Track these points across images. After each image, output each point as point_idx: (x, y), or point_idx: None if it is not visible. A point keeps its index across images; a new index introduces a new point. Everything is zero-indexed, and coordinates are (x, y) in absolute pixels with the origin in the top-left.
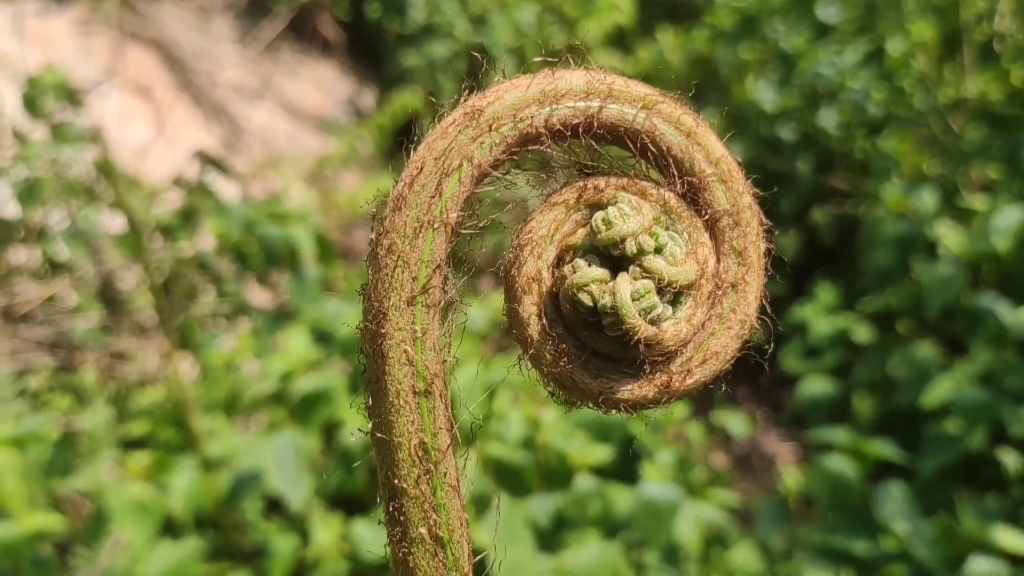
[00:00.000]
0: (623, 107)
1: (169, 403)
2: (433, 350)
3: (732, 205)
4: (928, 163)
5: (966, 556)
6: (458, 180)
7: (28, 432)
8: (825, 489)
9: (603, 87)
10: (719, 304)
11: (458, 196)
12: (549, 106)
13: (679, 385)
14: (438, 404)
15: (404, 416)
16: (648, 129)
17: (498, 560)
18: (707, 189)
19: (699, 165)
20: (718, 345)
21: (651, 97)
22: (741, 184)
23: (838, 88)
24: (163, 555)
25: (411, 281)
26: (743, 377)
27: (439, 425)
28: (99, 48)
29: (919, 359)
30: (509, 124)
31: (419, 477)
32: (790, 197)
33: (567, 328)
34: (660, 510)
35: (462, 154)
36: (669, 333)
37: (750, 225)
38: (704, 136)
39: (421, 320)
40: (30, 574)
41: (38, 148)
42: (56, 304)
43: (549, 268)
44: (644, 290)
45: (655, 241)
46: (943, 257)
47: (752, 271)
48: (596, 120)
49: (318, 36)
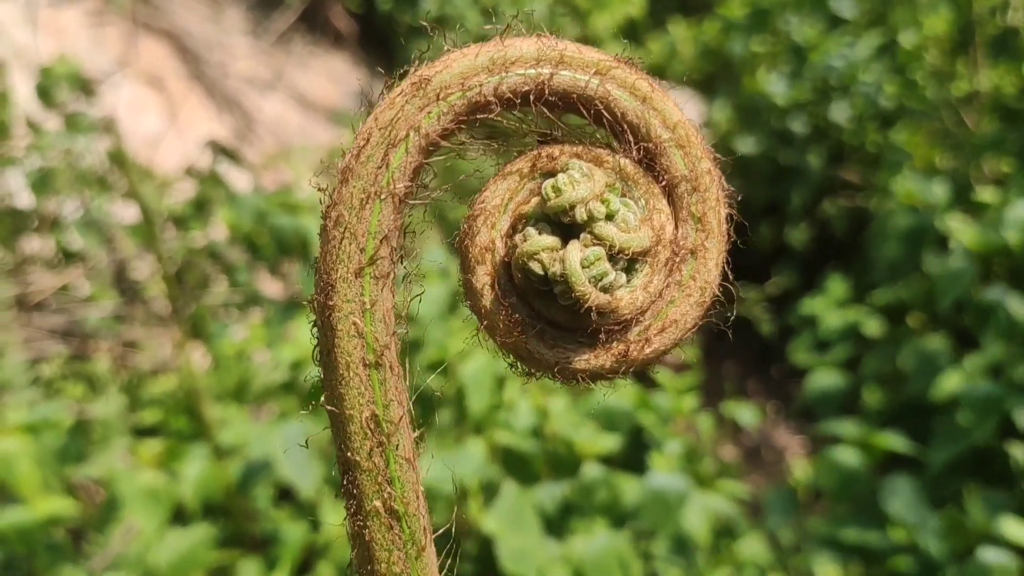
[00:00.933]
0: (575, 73)
1: (181, 392)
2: (383, 321)
3: (690, 170)
4: (940, 156)
5: (974, 549)
6: (405, 150)
7: (42, 419)
8: (834, 481)
9: (554, 53)
10: (678, 271)
11: (405, 166)
12: (498, 74)
13: (637, 354)
14: (389, 376)
15: (354, 388)
16: (602, 95)
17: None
18: (664, 155)
19: (655, 130)
20: (677, 313)
21: (605, 62)
22: (700, 149)
23: (850, 81)
24: (174, 542)
25: (359, 252)
26: (753, 369)
27: (391, 397)
28: (112, 39)
29: (929, 352)
30: (457, 93)
31: (371, 450)
32: (801, 190)
33: (521, 298)
34: (668, 500)
35: (409, 124)
36: (624, 301)
37: (709, 190)
38: (660, 101)
39: (370, 291)
40: (44, 559)
41: (52, 138)
42: (70, 293)
43: (503, 238)
44: (594, 257)
45: (606, 207)
46: (954, 251)
47: (712, 237)
48: (547, 87)
49: (330, 27)
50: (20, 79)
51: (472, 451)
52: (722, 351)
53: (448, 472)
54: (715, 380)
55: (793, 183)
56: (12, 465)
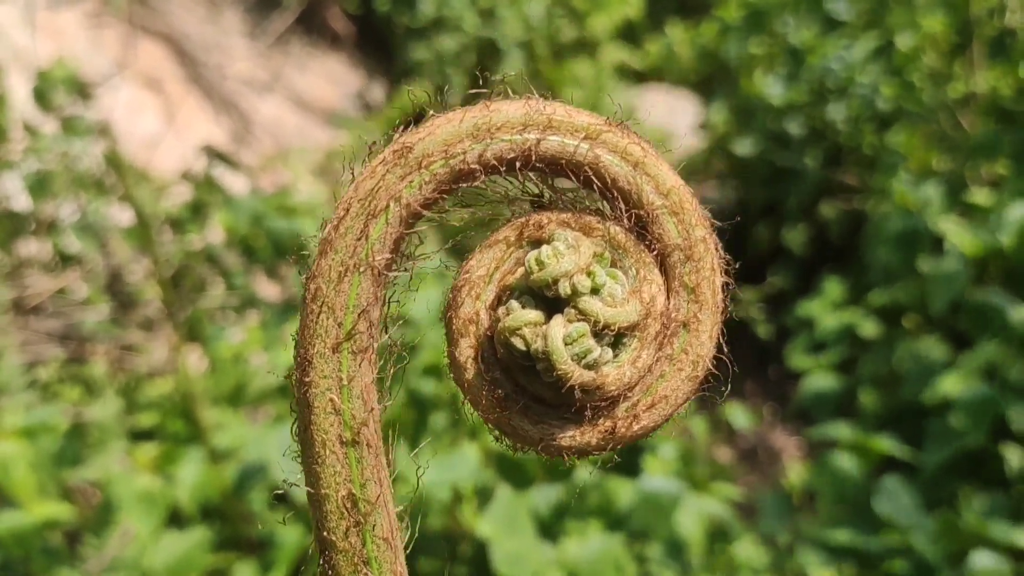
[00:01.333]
0: (564, 138)
1: (177, 395)
2: (361, 398)
3: (684, 239)
4: (937, 158)
5: (968, 552)
6: (385, 221)
7: (38, 423)
8: (828, 484)
9: (542, 118)
10: (669, 344)
11: (385, 238)
12: (483, 140)
13: (625, 431)
14: (366, 454)
15: (330, 467)
16: (591, 161)
17: (500, 550)
18: (656, 222)
19: (647, 197)
20: (668, 388)
21: (594, 126)
22: (695, 216)
23: (847, 83)
24: (170, 545)
25: (336, 327)
26: (750, 371)
27: (367, 475)
28: (109, 41)
29: (924, 354)
30: (440, 161)
31: (348, 530)
32: (798, 192)
33: (505, 372)
34: (661, 503)
35: (389, 194)
36: (611, 377)
37: (703, 260)
38: (653, 166)
39: (347, 367)
40: (40, 562)
41: (49, 141)
42: (66, 296)
43: (487, 309)
44: (577, 333)
45: (591, 281)
46: (948, 253)
47: (705, 308)
48: (535, 153)
49: (327, 29)
50: (18, 81)
51: (467, 455)
52: (719, 352)
53: (443, 476)
54: (712, 382)
55: (790, 185)
56: (8, 469)
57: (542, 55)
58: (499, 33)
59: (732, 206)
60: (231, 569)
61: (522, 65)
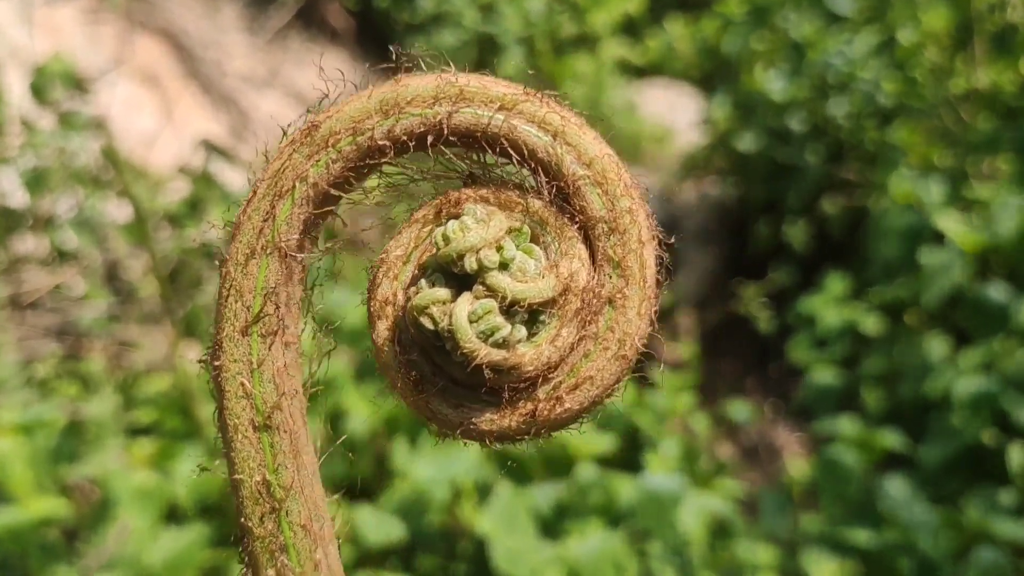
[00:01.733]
0: (477, 110)
1: (175, 391)
2: (272, 381)
3: (608, 210)
4: (938, 154)
5: (971, 547)
6: (292, 202)
7: (35, 419)
8: (830, 480)
9: (454, 89)
10: (594, 322)
11: (293, 219)
12: (392, 116)
13: (547, 414)
14: (279, 439)
15: (243, 452)
16: (507, 132)
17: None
18: (579, 194)
19: (568, 168)
20: (593, 368)
21: (510, 96)
22: (620, 186)
23: (848, 78)
24: (168, 542)
25: (245, 310)
26: (751, 367)
27: (280, 461)
28: (107, 37)
29: (925, 350)
30: (347, 138)
31: (263, 516)
32: (799, 188)
33: (422, 354)
34: (663, 500)
35: (296, 174)
36: (527, 357)
37: (629, 232)
38: (575, 135)
39: (257, 351)
40: (37, 559)
41: (46, 136)
42: (63, 292)
43: (404, 290)
44: (483, 310)
45: (499, 256)
46: (946, 247)
47: (632, 284)
48: (447, 126)
49: (326, 25)
50: (15, 77)
51: (466, 451)
52: (720, 349)
53: (443, 473)
54: (713, 378)
55: (791, 181)
56: (5, 465)
57: (542, 51)
58: (499, 29)
59: (733, 202)
60: (228, 566)
61: (522, 61)
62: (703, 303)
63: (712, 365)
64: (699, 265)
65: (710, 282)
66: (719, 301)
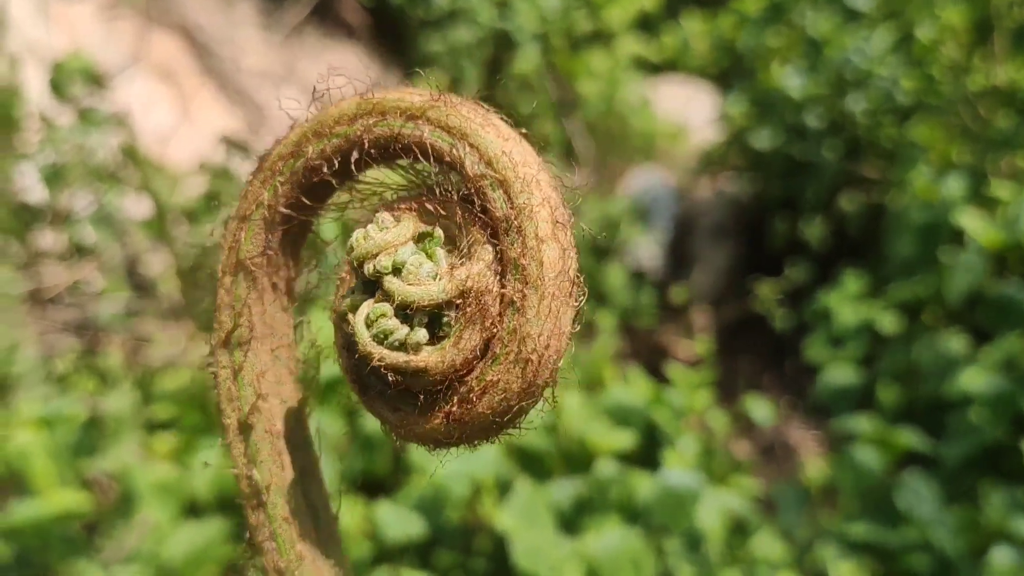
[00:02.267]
0: (391, 121)
1: (194, 387)
2: (252, 386)
3: (508, 209)
4: (957, 151)
5: (989, 546)
6: (251, 225)
7: (56, 413)
8: (848, 478)
9: (370, 105)
10: (498, 325)
11: (256, 239)
12: (323, 137)
13: (464, 417)
14: (259, 438)
15: (234, 449)
16: (416, 139)
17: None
18: (482, 194)
19: (470, 168)
20: (498, 372)
21: (420, 104)
22: (520, 183)
23: (866, 75)
24: (188, 535)
25: (225, 322)
26: (767, 364)
27: (262, 458)
28: (123, 33)
29: (944, 348)
30: (290, 163)
31: (255, 507)
32: (816, 185)
33: (362, 359)
34: (681, 497)
35: (254, 199)
36: (432, 360)
37: (526, 230)
38: (476, 135)
39: (237, 358)
40: (58, 552)
41: (65, 133)
42: (82, 288)
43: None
44: (375, 314)
45: (392, 260)
46: (968, 245)
47: (531, 284)
48: (368, 140)
49: (342, 21)
50: (33, 73)
51: (486, 448)
52: (736, 346)
53: (462, 468)
54: (729, 375)
55: (808, 178)
56: (28, 458)
57: (558, 47)
58: (514, 25)
59: (749, 199)
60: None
61: (537, 58)
62: (719, 300)
63: (728, 362)
64: (715, 262)
65: (726, 279)
66: (735, 298)
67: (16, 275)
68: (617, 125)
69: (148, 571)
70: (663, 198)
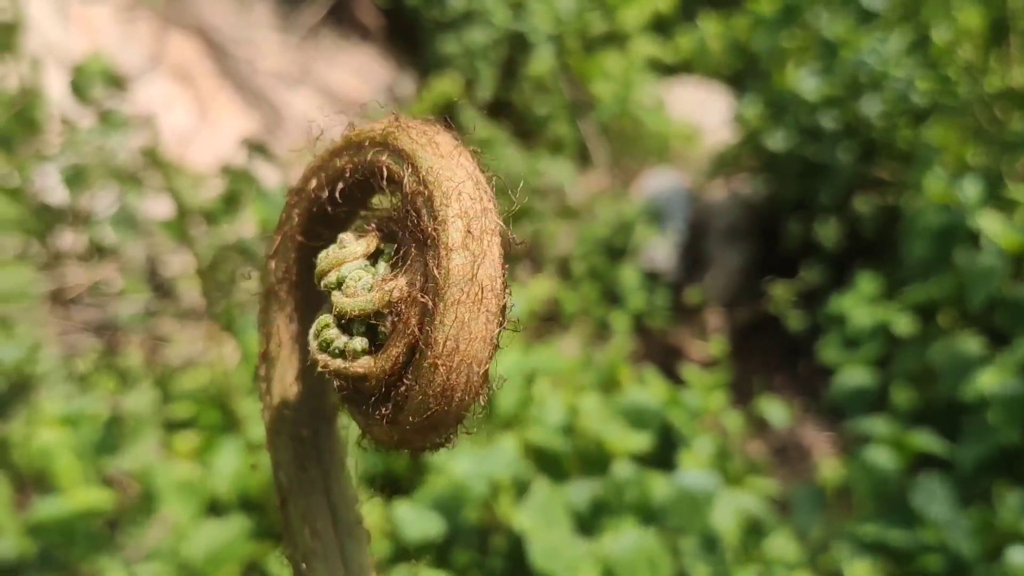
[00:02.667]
0: (365, 152)
1: (213, 386)
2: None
3: (433, 222)
4: (973, 153)
5: (1004, 548)
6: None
7: (79, 412)
8: (864, 480)
9: (360, 138)
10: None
11: (278, 266)
12: (322, 171)
13: (395, 419)
14: (284, 443)
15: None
16: (380, 164)
17: (538, 544)
18: (416, 210)
19: (407, 187)
20: (416, 377)
21: (381, 131)
22: (443, 198)
23: (881, 77)
24: (209, 534)
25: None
26: (780, 366)
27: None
28: (142, 35)
29: (959, 351)
30: (302, 196)
31: (283, 502)
32: (831, 186)
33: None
34: (697, 498)
35: (282, 230)
36: (373, 367)
37: (438, 241)
38: (417, 154)
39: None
40: (81, 549)
41: (86, 134)
42: (103, 288)
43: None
44: (319, 325)
45: (336, 276)
46: (986, 247)
47: (440, 294)
48: (348, 170)
49: (357, 23)
50: (53, 75)
51: (504, 447)
52: (750, 347)
53: (480, 469)
54: (743, 376)
55: (823, 179)
56: (52, 456)
57: (572, 49)
58: (529, 26)
59: (763, 201)
60: (268, 559)
61: (552, 59)
62: (733, 301)
63: (742, 364)
64: (729, 263)
65: (740, 280)
66: (749, 299)
67: (38, 275)
68: (631, 126)
69: (169, 569)
70: (677, 199)
